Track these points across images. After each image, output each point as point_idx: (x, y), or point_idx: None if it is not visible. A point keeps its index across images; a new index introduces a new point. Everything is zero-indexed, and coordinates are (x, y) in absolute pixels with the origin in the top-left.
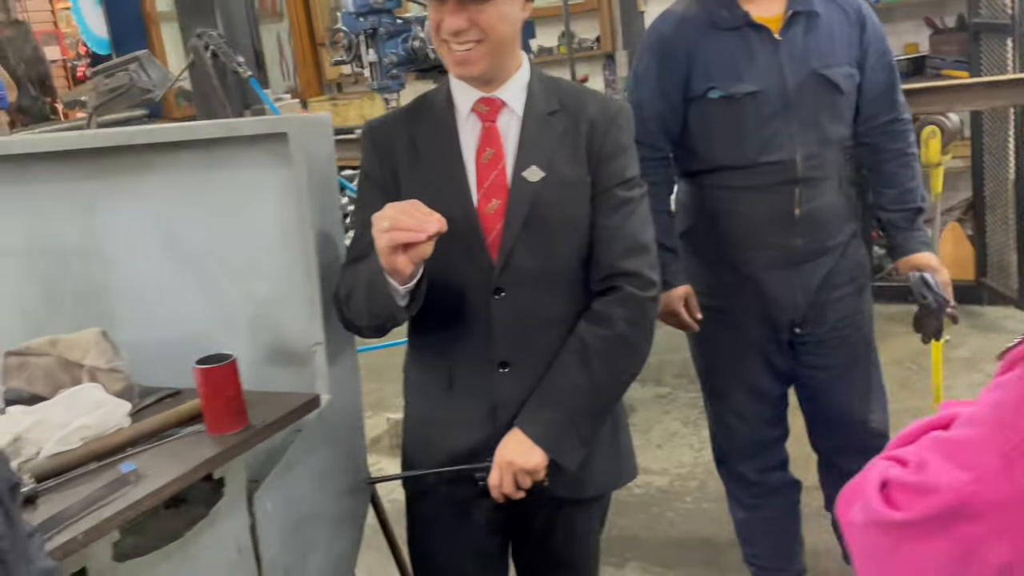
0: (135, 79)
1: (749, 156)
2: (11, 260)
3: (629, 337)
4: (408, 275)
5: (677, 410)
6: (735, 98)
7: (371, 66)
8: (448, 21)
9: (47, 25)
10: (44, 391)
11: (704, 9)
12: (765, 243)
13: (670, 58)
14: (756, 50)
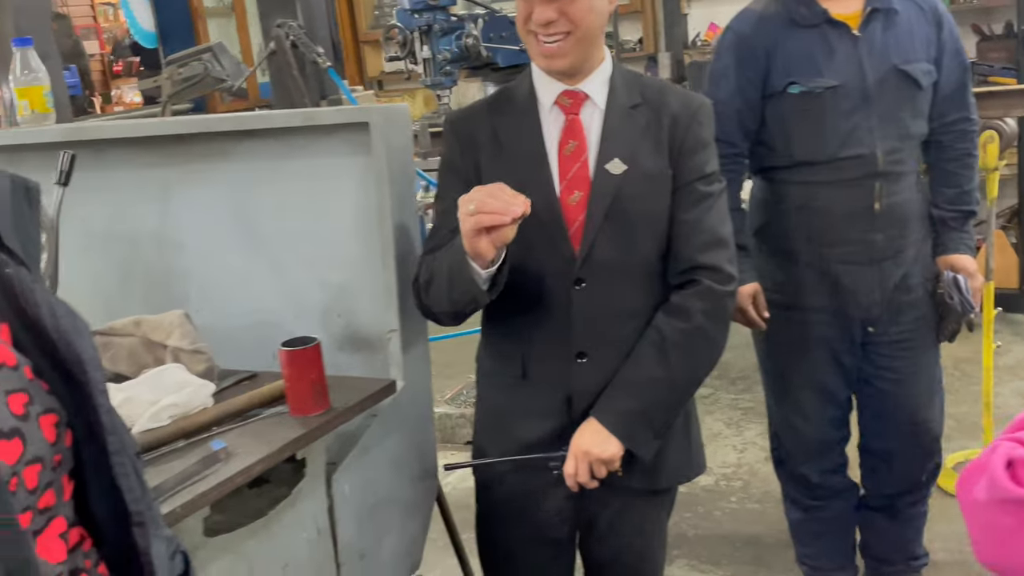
0: (209, 69)
1: (829, 151)
2: (88, 243)
3: (707, 331)
4: (491, 259)
5: (719, 411)
6: (815, 93)
7: (424, 62)
8: (538, 12)
9: (87, 20)
10: (127, 370)
11: (783, 7)
12: (844, 238)
13: (749, 55)
14: (835, 46)
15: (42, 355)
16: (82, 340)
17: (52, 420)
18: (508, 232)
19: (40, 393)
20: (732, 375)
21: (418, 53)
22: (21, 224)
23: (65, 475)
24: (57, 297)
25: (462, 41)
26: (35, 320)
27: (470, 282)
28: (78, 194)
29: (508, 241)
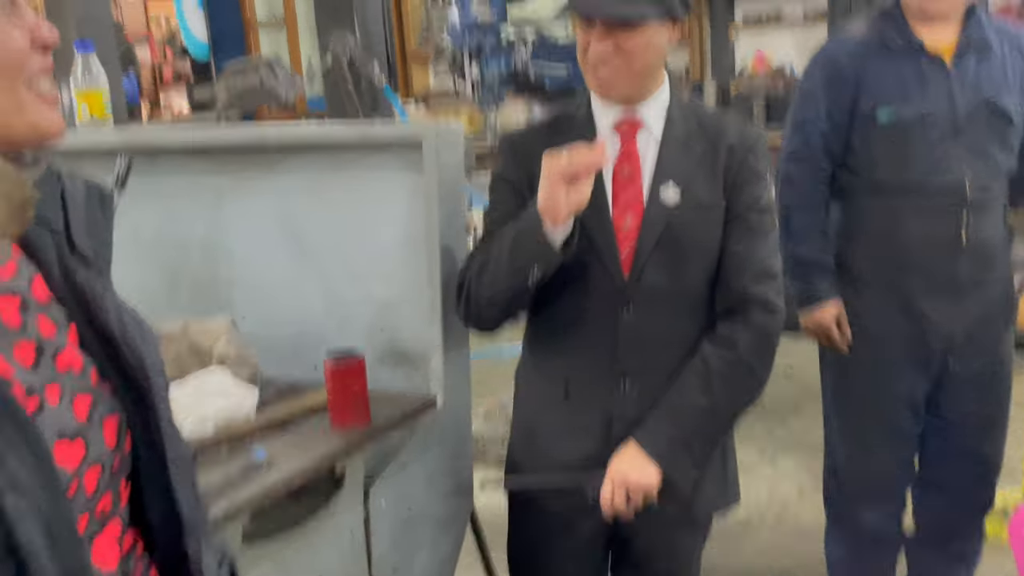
0: (265, 81)
1: (916, 177)
2: (139, 248)
3: (752, 363)
4: (564, 217)
5: (753, 441)
6: (904, 119)
7: (473, 82)
8: (594, 47)
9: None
10: (173, 375)
11: (877, 33)
12: (929, 267)
13: (838, 77)
14: (927, 75)
15: (107, 358)
16: (147, 347)
17: (114, 423)
18: (585, 190)
19: (104, 396)
20: (767, 406)
21: (468, 72)
22: (95, 230)
23: (123, 479)
24: (126, 304)
25: (511, 62)
26: (103, 325)
27: (540, 242)
28: (130, 199)
29: (583, 203)
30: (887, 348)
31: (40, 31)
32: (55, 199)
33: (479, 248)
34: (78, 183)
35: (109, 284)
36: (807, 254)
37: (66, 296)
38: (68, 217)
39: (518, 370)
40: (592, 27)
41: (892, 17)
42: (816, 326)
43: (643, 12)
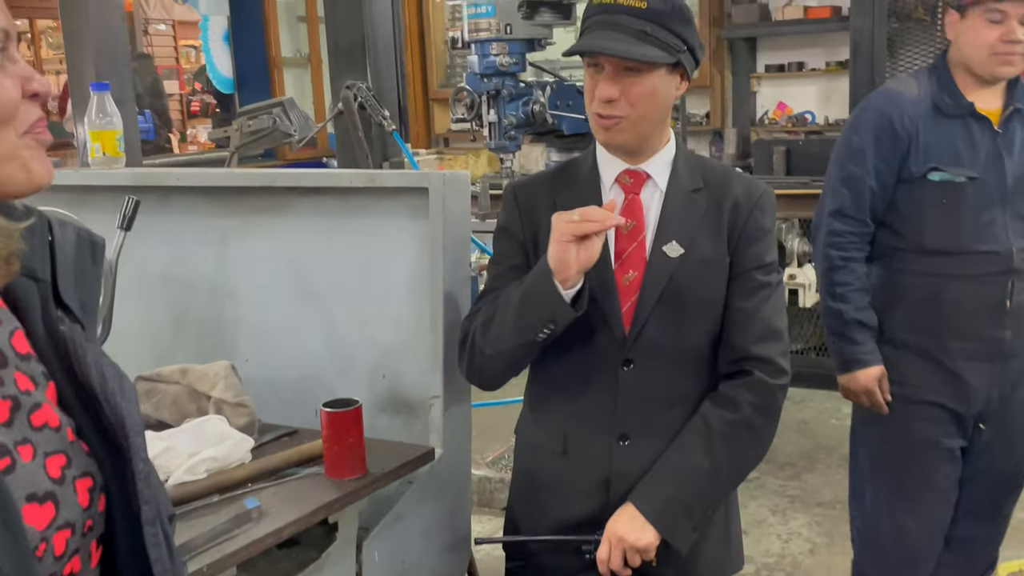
0: (278, 123)
1: (963, 243)
2: (147, 285)
3: (755, 424)
4: (574, 275)
5: (765, 496)
6: (956, 182)
7: (490, 126)
8: (601, 88)
9: (170, 60)
10: (170, 418)
11: (927, 93)
12: (972, 334)
13: (890, 136)
14: (977, 139)
15: (86, 415)
16: (127, 404)
17: (87, 484)
18: (596, 248)
19: (79, 455)
20: (779, 460)
21: (484, 116)
22: (83, 279)
23: (94, 540)
24: (108, 358)
25: (529, 107)
26: (83, 379)
27: (550, 299)
28: (139, 237)
29: (593, 260)
30: (923, 413)
31: (32, 82)
32: (43, 248)
33: (483, 301)
34: (69, 231)
35: (93, 336)
36: (853, 314)
37: (47, 349)
38: (56, 267)
39: (518, 423)
40: (600, 71)
41: (942, 78)
42: (861, 389)
43: (650, 55)
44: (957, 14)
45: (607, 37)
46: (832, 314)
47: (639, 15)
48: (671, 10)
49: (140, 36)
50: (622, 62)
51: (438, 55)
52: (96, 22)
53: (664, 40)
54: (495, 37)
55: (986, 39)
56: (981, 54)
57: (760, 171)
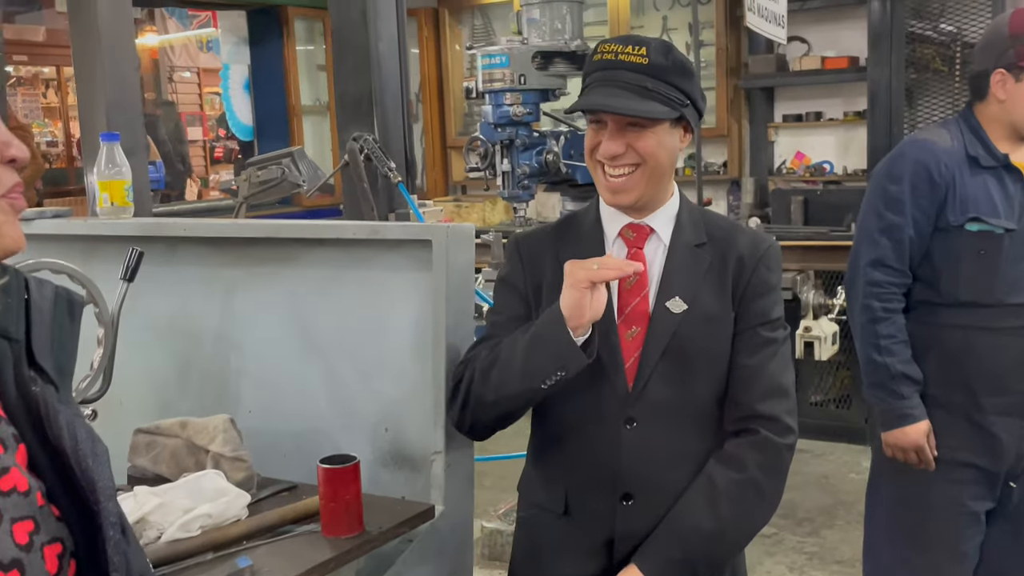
0: (287, 173)
1: (997, 295)
2: (152, 335)
3: (762, 484)
4: (586, 322)
5: (783, 553)
6: (994, 233)
7: (504, 175)
8: (606, 145)
9: (193, 107)
10: (168, 472)
11: (960, 144)
12: (1005, 388)
13: (928, 185)
14: (1011, 191)
15: (57, 478)
16: (99, 467)
17: (57, 550)
18: (603, 298)
19: (48, 520)
20: (799, 516)
21: (498, 166)
22: (59, 338)
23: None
24: (81, 419)
25: (542, 157)
26: (55, 442)
27: (562, 345)
28: (146, 286)
29: (602, 309)
30: (957, 474)
31: (9, 147)
32: (19, 307)
33: (481, 347)
34: (46, 289)
35: (68, 397)
36: (899, 367)
37: (18, 411)
38: (31, 327)
39: (520, 481)
40: (602, 127)
41: (975, 130)
42: (911, 445)
43: (653, 110)
44: (1011, 76)
45: (609, 94)
46: (877, 368)
47: (640, 71)
48: (672, 65)
49: (165, 83)
50: (625, 118)
51: (456, 104)
52: (110, 72)
53: (666, 95)
54: (509, 87)
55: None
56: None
57: (778, 220)
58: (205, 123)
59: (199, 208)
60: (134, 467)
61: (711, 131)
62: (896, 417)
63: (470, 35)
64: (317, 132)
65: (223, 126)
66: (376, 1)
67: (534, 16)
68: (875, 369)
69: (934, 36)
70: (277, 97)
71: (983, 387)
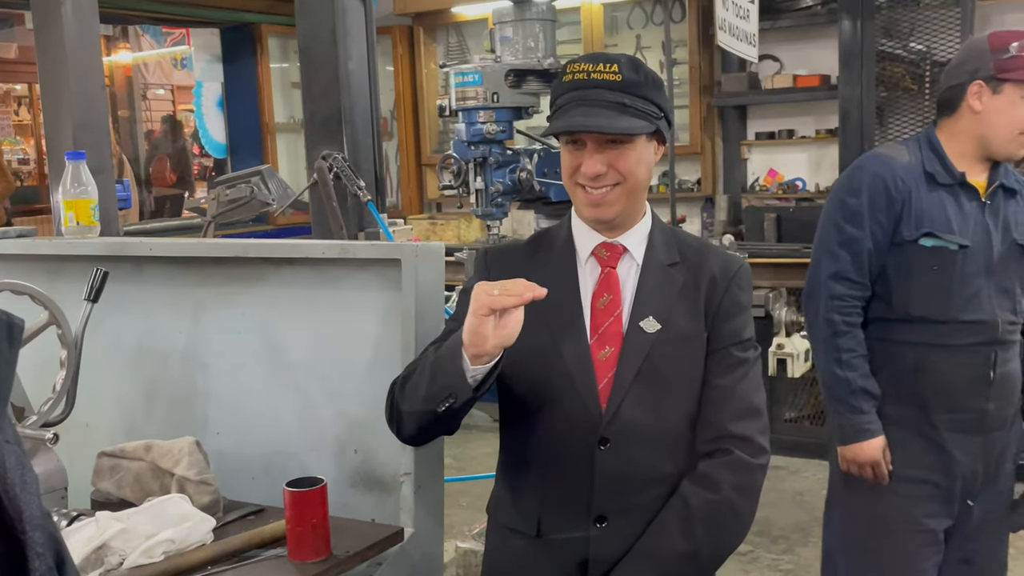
0: (256, 192)
1: (951, 311)
2: (119, 356)
3: (736, 504)
4: (489, 350)
5: (758, 571)
6: (948, 249)
7: (477, 193)
8: (587, 165)
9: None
10: (132, 496)
11: (918, 161)
12: (958, 405)
13: (885, 198)
14: (967, 209)
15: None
16: (27, 496)
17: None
18: (513, 325)
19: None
20: (773, 533)
21: (471, 183)
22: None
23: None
24: (12, 446)
25: (516, 174)
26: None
27: (456, 374)
28: (112, 307)
29: (512, 337)
30: (913, 491)
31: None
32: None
33: (422, 354)
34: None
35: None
36: (860, 383)
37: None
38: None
39: (490, 501)
40: (580, 148)
41: (935, 148)
42: (867, 459)
43: (633, 126)
44: (988, 88)
45: (587, 114)
46: (838, 383)
47: (616, 88)
48: (645, 80)
49: (139, 100)
50: (604, 136)
51: (431, 121)
52: (77, 90)
53: (643, 110)
54: (482, 105)
55: (1021, 117)
56: (1011, 131)
57: (751, 238)
58: None
59: (170, 227)
60: (97, 491)
61: (685, 149)
62: (854, 431)
63: (445, 53)
64: (291, 150)
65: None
66: (345, 19)
67: (507, 34)
68: (836, 383)
69: (904, 55)
70: (250, 115)
71: (937, 404)
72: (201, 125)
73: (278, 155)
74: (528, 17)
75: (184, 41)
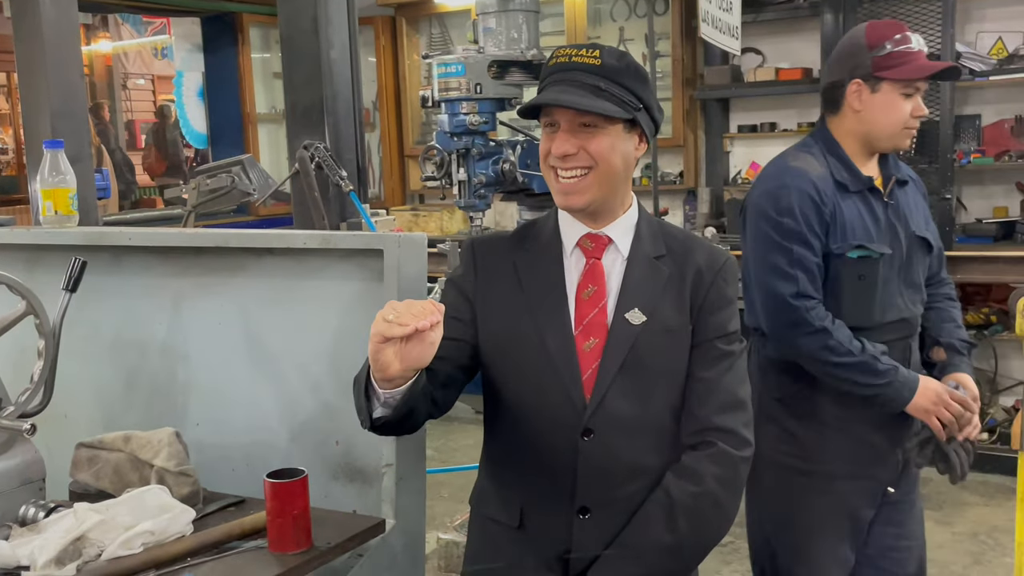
0: (236, 182)
1: (875, 317)
2: (98, 347)
3: (719, 497)
4: (395, 373)
5: (739, 561)
6: (872, 258)
7: (460, 184)
8: (557, 144)
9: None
10: (111, 487)
11: (827, 171)
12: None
13: (815, 214)
14: (878, 213)
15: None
16: None
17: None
18: (428, 345)
19: None
20: None
21: (454, 175)
22: None
23: None
24: None
25: (499, 166)
26: None
27: (360, 396)
28: (91, 296)
29: (426, 358)
30: (838, 486)
31: None
32: None
33: None
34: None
35: None
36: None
37: None
38: None
39: (473, 492)
40: (556, 131)
41: (836, 152)
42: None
43: (604, 108)
44: (867, 87)
45: (562, 91)
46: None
47: (593, 71)
48: (625, 67)
49: (119, 90)
50: (578, 117)
51: (414, 112)
52: (55, 79)
53: (619, 96)
54: (465, 96)
55: (902, 113)
56: (894, 128)
57: (734, 230)
58: None
59: (151, 217)
60: (76, 482)
61: (667, 141)
62: (904, 387)
63: (428, 44)
64: (273, 140)
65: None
66: (327, 8)
67: (490, 25)
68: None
69: None
70: (232, 105)
71: (863, 402)
72: (182, 115)
73: (259, 145)
74: (511, 8)
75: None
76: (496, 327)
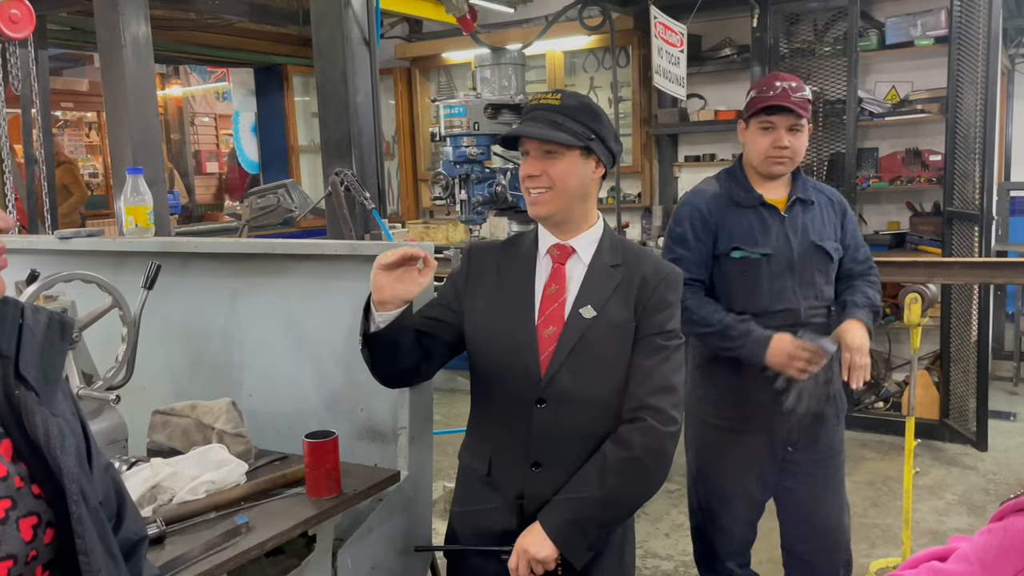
0: (281, 201)
1: (762, 305)
2: (170, 333)
3: (646, 463)
4: (388, 298)
5: (684, 504)
6: (752, 258)
7: (462, 203)
8: (524, 167)
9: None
10: (180, 446)
11: (725, 190)
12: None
13: (702, 225)
14: (768, 223)
15: (38, 465)
16: (66, 457)
17: (32, 522)
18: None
19: (26, 498)
20: None
21: (457, 195)
22: (48, 354)
23: (39, 567)
24: (56, 419)
25: (493, 188)
26: (32, 437)
27: (364, 315)
28: (164, 294)
29: (410, 294)
30: (746, 440)
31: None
32: (12, 330)
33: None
34: (41, 316)
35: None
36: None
37: (4, 411)
38: (21, 345)
39: (461, 447)
40: (527, 156)
41: (737, 177)
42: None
43: (559, 137)
44: (744, 124)
45: (529, 125)
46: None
47: (555, 110)
48: (579, 106)
49: (188, 126)
50: (542, 145)
51: (425, 145)
52: (135, 116)
53: (573, 129)
54: (465, 132)
55: (762, 145)
56: (758, 157)
57: None
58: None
59: (212, 229)
60: (152, 442)
61: (628, 168)
62: (758, 344)
63: (436, 90)
64: (311, 167)
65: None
66: (354, 63)
67: (486, 75)
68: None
69: None
70: (279, 138)
71: (757, 374)
72: (239, 146)
73: (301, 171)
74: (503, 62)
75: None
76: (478, 315)
